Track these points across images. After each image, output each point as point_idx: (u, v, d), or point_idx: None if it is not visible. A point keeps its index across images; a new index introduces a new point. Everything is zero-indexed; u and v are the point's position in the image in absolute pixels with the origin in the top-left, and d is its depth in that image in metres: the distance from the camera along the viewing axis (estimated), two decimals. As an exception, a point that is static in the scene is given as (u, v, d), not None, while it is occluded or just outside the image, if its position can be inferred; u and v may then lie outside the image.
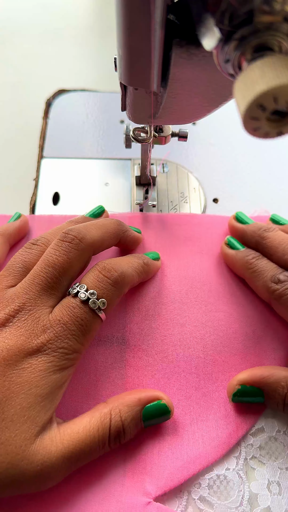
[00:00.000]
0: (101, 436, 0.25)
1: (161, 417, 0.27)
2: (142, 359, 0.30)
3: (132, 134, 0.31)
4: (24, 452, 0.23)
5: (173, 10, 0.20)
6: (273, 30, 0.17)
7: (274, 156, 0.42)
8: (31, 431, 0.23)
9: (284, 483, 0.27)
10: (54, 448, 0.23)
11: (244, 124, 0.16)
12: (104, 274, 0.27)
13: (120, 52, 0.22)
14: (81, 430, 0.25)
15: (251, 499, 0.27)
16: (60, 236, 0.28)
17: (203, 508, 0.26)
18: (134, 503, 0.25)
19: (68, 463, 0.24)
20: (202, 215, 0.38)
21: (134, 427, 0.26)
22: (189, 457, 0.27)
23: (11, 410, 0.23)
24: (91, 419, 0.25)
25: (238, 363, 0.30)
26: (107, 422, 0.25)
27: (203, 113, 0.27)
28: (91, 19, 0.55)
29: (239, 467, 0.27)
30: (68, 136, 0.43)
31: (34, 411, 0.23)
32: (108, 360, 0.30)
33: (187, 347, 0.30)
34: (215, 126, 0.44)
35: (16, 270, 0.28)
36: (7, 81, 0.48)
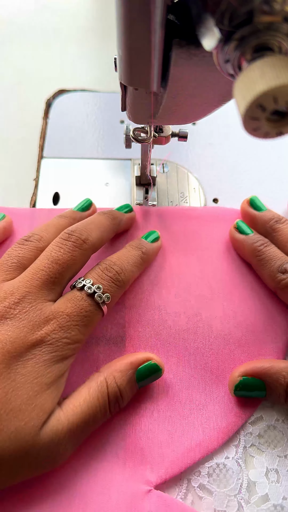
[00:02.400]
0: (102, 404, 0.26)
1: (153, 376, 0.28)
2: (141, 330, 0.31)
3: (132, 134, 0.31)
4: (34, 439, 0.23)
5: (173, 10, 0.20)
6: (273, 30, 0.17)
7: (274, 156, 0.42)
8: (40, 418, 0.24)
9: (282, 470, 0.28)
10: (61, 426, 0.24)
11: (244, 124, 0.16)
12: (107, 274, 0.29)
13: (120, 52, 0.22)
14: (82, 403, 0.25)
15: (250, 487, 0.27)
16: (63, 236, 0.29)
17: (202, 495, 0.27)
18: (134, 492, 0.26)
19: (76, 437, 0.25)
20: (202, 207, 0.38)
21: (130, 390, 0.27)
22: (189, 446, 0.27)
23: (18, 400, 0.24)
24: (89, 389, 0.26)
25: (239, 354, 0.30)
26: (105, 390, 0.26)
27: (203, 113, 0.27)
28: (91, 19, 0.55)
29: (238, 456, 0.28)
30: (68, 136, 0.43)
31: (41, 398, 0.24)
32: (108, 331, 0.31)
33: (187, 339, 0.31)
34: (215, 126, 0.44)
35: (10, 265, 0.28)
36: (7, 81, 0.48)
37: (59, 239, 0.29)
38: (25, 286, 0.26)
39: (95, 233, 0.30)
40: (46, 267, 0.27)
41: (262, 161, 0.42)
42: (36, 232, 0.30)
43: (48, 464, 0.24)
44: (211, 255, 0.35)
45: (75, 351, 0.26)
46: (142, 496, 0.26)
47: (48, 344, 0.25)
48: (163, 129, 0.32)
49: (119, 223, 0.33)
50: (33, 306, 0.26)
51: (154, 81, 0.23)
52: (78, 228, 0.29)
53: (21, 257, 0.29)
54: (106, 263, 0.29)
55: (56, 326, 0.25)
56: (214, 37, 0.17)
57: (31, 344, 0.25)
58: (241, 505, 0.27)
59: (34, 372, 0.24)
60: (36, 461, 0.23)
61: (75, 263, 0.28)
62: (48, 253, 0.28)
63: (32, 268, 0.27)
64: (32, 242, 0.30)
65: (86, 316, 0.26)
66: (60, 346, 0.25)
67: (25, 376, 0.24)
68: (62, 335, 0.25)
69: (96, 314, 0.27)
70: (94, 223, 0.31)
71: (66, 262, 0.27)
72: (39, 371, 0.24)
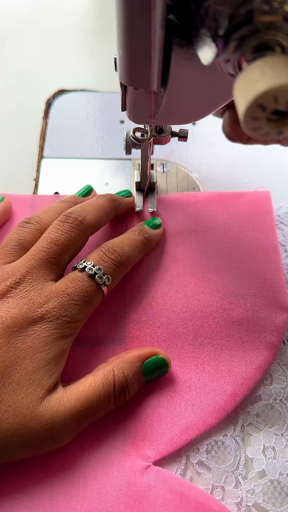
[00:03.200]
0: (107, 393, 0.26)
1: (160, 371, 0.28)
2: (142, 330, 0.31)
3: (132, 134, 0.31)
4: (32, 413, 0.24)
5: (173, 10, 0.20)
6: (273, 30, 0.17)
7: (274, 156, 0.42)
8: (38, 393, 0.24)
9: (279, 448, 0.28)
10: (62, 407, 0.24)
11: (244, 124, 0.16)
12: (109, 256, 0.29)
13: (120, 52, 0.22)
14: (86, 389, 0.26)
15: (247, 463, 0.28)
16: (61, 218, 0.29)
17: (201, 471, 0.28)
18: (134, 467, 0.26)
19: (77, 422, 0.25)
20: (200, 192, 0.39)
21: (137, 382, 0.28)
22: (188, 423, 0.28)
23: (17, 374, 0.24)
24: (95, 377, 0.26)
25: (239, 333, 0.31)
26: (111, 379, 0.26)
27: (203, 113, 0.27)
28: (91, 19, 0.55)
29: (236, 433, 0.29)
30: (68, 136, 0.43)
31: (39, 374, 0.25)
32: (109, 334, 0.31)
33: (187, 319, 0.31)
34: (215, 126, 0.44)
35: (11, 247, 0.29)
36: (7, 81, 0.48)
37: (57, 221, 0.29)
38: (25, 267, 0.27)
39: (92, 214, 0.30)
40: (45, 248, 0.28)
41: (262, 161, 0.42)
42: (36, 215, 0.31)
43: (46, 443, 0.24)
44: (210, 239, 0.35)
45: (75, 330, 0.27)
46: (142, 471, 0.26)
47: (48, 321, 0.26)
48: (163, 129, 0.32)
49: (117, 206, 0.34)
50: (33, 286, 0.26)
51: (154, 81, 0.23)
52: (75, 210, 0.30)
53: (22, 239, 0.29)
54: (108, 245, 0.30)
55: (57, 304, 0.26)
56: (211, 51, 0.17)
57: (31, 321, 0.25)
58: (239, 481, 0.27)
59: (33, 347, 0.25)
60: (34, 437, 0.24)
61: (74, 243, 0.29)
62: (47, 235, 0.29)
63: (32, 250, 0.28)
64: (32, 224, 0.30)
65: (86, 296, 0.27)
66: (60, 324, 0.26)
67: (24, 351, 0.25)
68: (62, 313, 0.26)
69: (97, 295, 0.28)
70: (91, 205, 0.31)
71: (64, 242, 0.28)
72: (38, 347, 0.25)
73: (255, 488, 0.27)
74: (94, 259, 0.29)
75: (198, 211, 0.37)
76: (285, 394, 0.30)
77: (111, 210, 0.33)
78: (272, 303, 0.32)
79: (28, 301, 0.26)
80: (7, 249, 0.29)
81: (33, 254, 0.28)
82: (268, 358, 0.30)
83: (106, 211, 0.32)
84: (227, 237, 0.35)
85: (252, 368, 0.30)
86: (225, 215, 0.37)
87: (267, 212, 0.37)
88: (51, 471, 0.26)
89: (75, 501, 0.25)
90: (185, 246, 0.35)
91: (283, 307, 0.32)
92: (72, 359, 0.30)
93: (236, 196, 0.38)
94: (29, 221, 0.31)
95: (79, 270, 0.28)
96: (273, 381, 0.30)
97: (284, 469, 0.28)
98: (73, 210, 0.30)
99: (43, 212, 0.32)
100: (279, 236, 0.36)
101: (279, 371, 0.31)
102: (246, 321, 0.31)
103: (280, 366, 0.31)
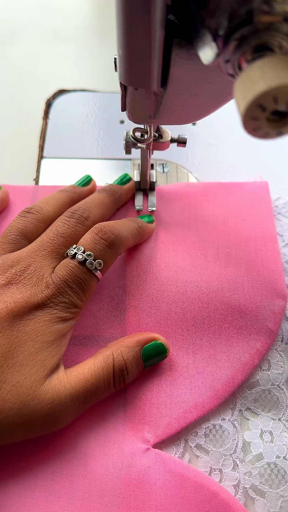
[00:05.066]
0: (106, 375, 0.27)
1: (159, 356, 0.29)
2: (142, 317, 0.31)
3: (132, 134, 0.31)
4: (35, 393, 0.24)
5: (173, 10, 0.20)
6: (273, 30, 0.17)
7: (274, 156, 0.42)
8: (40, 373, 0.25)
9: (276, 432, 0.29)
10: (63, 387, 0.25)
11: (244, 124, 0.16)
12: (100, 236, 0.29)
13: (120, 52, 0.22)
14: (86, 371, 0.27)
15: (245, 447, 0.28)
16: (67, 214, 0.31)
17: (199, 454, 0.28)
18: (133, 449, 0.27)
19: (77, 403, 0.26)
20: (199, 183, 0.39)
21: (136, 367, 0.28)
22: (186, 407, 0.29)
23: (20, 356, 0.25)
24: (95, 361, 0.27)
25: (237, 318, 0.31)
26: (110, 362, 0.27)
27: (203, 113, 0.27)
28: (91, 19, 0.55)
29: (234, 418, 0.29)
30: (68, 136, 0.43)
31: (42, 355, 0.25)
32: (109, 319, 0.32)
33: (185, 306, 0.32)
34: (215, 126, 0.44)
35: (13, 237, 0.30)
36: (7, 81, 0.48)
37: (64, 216, 0.31)
38: (31, 257, 0.28)
39: (95, 211, 0.32)
40: (52, 239, 0.29)
41: (262, 161, 0.42)
42: (37, 204, 0.32)
43: (47, 424, 0.25)
44: (207, 229, 0.35)
45: (75, 315, 0.28)
46: (141, 453, 0.27)
47: (48, 307, 0.27)
48: (162, 135, 0.32)
49: (118, 198, 0.35)
50: (36, 273, 0.27)
51: (154, 81, 0.23)
52: (80, 207, 0.31)
53: (23, 228, 0.30)
54: (101, 225, 0.30)
55: (55, 291, 0.27)
56: (212, 51, 0.17)
57: (33, 306, 0.26)
58: (236, 464, 0.28)
59: (35, 330, 0.26)
60: (36, 417, 0.24)
61: (78, 237, 0.30)
62: (53, 228, 0.30)
63: (38, 240, 0.29)
64: (33, 213, 0.31)
65: (80, 282, 0.28)
66: (59, 309, 0.27)
67: (27, 334, 0.26)
68: (60, 299, 0.27)
69: (91, 280, 0.28)
70: (94, 201, 0.33)
71: (70, 235, 0.29)
72: (40, 330, 0.26)
73: (252, 471, 0.27)
74: (85, 242, 0.29)
75: (197, 201, 0.37)
76: (283, 379, 0.30)
77: (112, 205, 0.34)
78: (270, 290, 0.32)
79: (31, 288, 0.27)
80: (9, 238, 0.30)
81: (40, 245, 0.29)
82: (265, 344, 0.31)
83: (108, 206, 0.34)
84: (225, 226, 0.36)
85: (249, 354, 0.30)
86: (223, 205, 0.37)
87: (265, 201, 0.37)
88: (53, 452, 0.27)
89: (76, 482, 0.26)
90: (184, 236, 0.35)
91: (280, 294, 0.32)
92: (72, 347, 0.30)
93: (234, 186, 0.38)
94: (30, 210, 0.31)
95: (70, 257, 0.28)
96: (271, 367, 0.31)
97: (281, 452, 0.28)
98: (78, 208, 0.31)
99: (43, 202, 0.33)
100: (276, 226, 0.37)
101: (277, 357, 0.31)
102: (244, 307, 0.32)
103: (278, 352, 0.31)
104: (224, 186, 0.38)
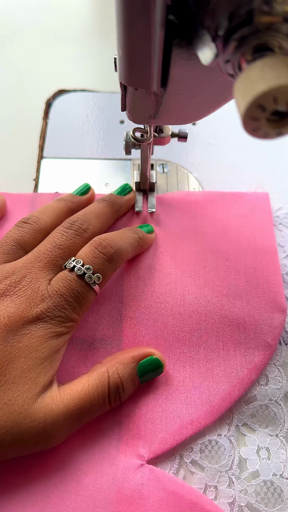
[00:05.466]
0: (101, 393, 0.26)
1: (155, 371, 0.29)
2: (138, 329, 0.31)
3: (132, 134, 0.31)
4: (27, 411, 0.24)
5: (173, 10, 0.20)
6: (273, 31, 0.16)
7: (274, 156, 0.42)
8: (33, 391, 0.24)
9: (273, 448, 0.28)
10: (55, 406, 0.25)
11: (244, 124, 0.16)
12: (100, 250, 0.29)
13: (120, 52, 0.22)
14: (80, 389, 0.26)
15: (241, 463, 0.28)
16: (65, 225, 0.30)
17: (194, 470, 0.28)
18: (127, 465, 0.27)
19: (70, 421, 0.25)
20: (199, 192, 0.39)
21: (132, 384, 0.28)
22: (182, 422, 0.28)
23: (13, 372, 0.24)
24: (89, 378, 0.27)
25: (233, 333, 0.31)
26: (105, 380, 0.26)
27: (203, 113, 0.27)
28: (91, 19, 0.55)
29: (231, 433, 0.29)
30: (68, 136, 0.43)
31: (35, 372, 0.25)
32: (104, 330, 0.31)
33: (183, 319, 0.31)
34: (215, 126, 0.44)
35: (9, 247, 0.29)
36: (7, 81, 0.48)
37: (62, 227, 0.30)
38: (27, 268, 0.27)
39: (94, 222, 0.31)
40: (49, 251, 0.28)
41: (262, 161, 0.42)
42: (34, 215, 0.32)
43: (40, 442, 0.24)
44: (206, 239, 0.35)
45: (70, 329, 0.27)
46: (135, 469, 0.26)
47: (43, 321, 0.26)
48: (163, 130, 0.32)
49: (118, 209, 0.34)
50: (31, 285, 0.27)
51: (154, 81, 0.23)
52: (78, 219, 0.31)
53: (20, 239, 0.30)
54: (101, 238, 0.29)
55: (51, 305, 0.26)
56: (211, 51, 0.17)
57: (27, 320, 0.26)
58: (232, 481, 0.27)
59: (29, 347, 0.25)
60: (28, 435, 0.24)
61: (76, 249, 0.29)
62: (51, 239, 0.29)
63: (35, 251, 0.29)
64: (30, 224, 0.31)
65: (78, 296, 0.27)
66: (54, 323, 0.26)
67: (20, 350, 0.25)
68: (56, 313, 0.26)
69: (89, 294, 0.28)
70: (94, 212, 0.32)
71: (68, 247, 0.29)
72: (33, 346, 0.25)
73: (248, 488, 0.27)
74: (84, 255, 0.28)
75: (197, 211, 0.37)
76: (281, 395, 0.30)
77: (112, 215, 0.34)
78: (269, 304, 0.32)
79: (25, 301, 0.26)
80: (5, 249, 0.29)
81: (36, 256, 0.28)
82: (263, 358, 0.30)
83: (108, 217, 0.33)
84: (225, 237, 0.35)
85: (247, 369, 0.30)
86: (223, 215, 0.37)
87: (265, 213, 0.37)
88: (46, 468, 0.26)
89: (68, 498, 0.26)
90: (183, 246, 0.35)
91: (279, 308, 0.32)
92: (68, 360, 0.30)
93: (234, 197, 0.38)
94: (27, 221, 0.31)
95: (68, 270, 0.28)
96: (269, 382, 0.30)
97: (278, 469, 0.28)
98: (76, 219, 0.31)
99: (41, 211, 0.32)
100: (278, 237, 0.36)
101: (275, 372, 0.31)
102: (243, 321, 0.31)
103: (276, 366, 0.31)
104: (224, 196, 0.38)
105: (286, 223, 0.37)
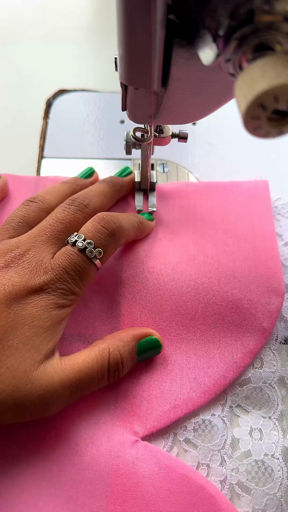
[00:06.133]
0: (100, 368, 0.27)
1: (153, 351, 0.30)
2: (137, 311, 0.32)
3: (132, 134, 0.32)
4: (29, 377, 0.24)
5: (173, 10, 0.20)
6: (274, 30, 0.17)
7: (274, 156, 0.42)
8: (35, 358, 0.25)
9: (265, 430, 0.29)
10: (56, 375, 0.25)
11: (245, 123, 0.16)
12: (102, 225, 0.29)
13: (121, 52, 0.22)
14: (80, 361, 0.27)
15: (233, 443, 0.28)
16: (67, 202, 0.31)
17: (187, 449, 0.28)
18: (123, 441, 0.27)
19: (69, 391, 0.26)
20: (198, 182, 0.39)
21: (131, 361, 0.29)
22: (176, 401, 0.29)
23: (16, 339, 0.25)
24: (90, 353, 0.27)
25: (230, 316, 0.31)
26: (106, 355, 0.27)
27: (203, 113, 0.27)
28: (91, 19, 0.55)
29: (224, 414, 0.29)
30: (68, 136, 0.43)
31: (37, 340, 0.25)
32: (104, 314, 0.32)
33: (181, 302, 0.32)
34: (215, 126, 0.44)
35: (15, 224, 0.30)
36: (7, 81, 0.48)
37: (63, 204, 0.31)
38: (31, 241, 0.28)
39: (95, 200, 0.32)
40: (51, 225, 0.29)
41: (262, 161, 0.42)
42: (39, 194, 0.33)
43: (38, 409, 0.25)
44: (206, 228, 0.35)
45: (72, 302, 0.28)
46: (130, 445, 0.27)
47: (46, 292, 0.27)
48: (163, 130, 0.32)
49: (119, 188, 0.36)
50: (35, 257, 0.28)
51: (155, 80, 0.23)
52: (80, 195, 0.32)
53: (26, 216, 0.31)
54: (103, 214, 0.30)
55: (53, 277, 0.27)
56: (212, 51, 0.17)
57: (31, 290, 0.26)
58: (224, 459, 0.28)
59: (32, 315, 0.26)
60: (28, 401, 0.24)
61: (78, 224, 0.30)
62: (54, 214, 0.30)
63: (39, 226, 0.30)
64: (36, 203, 0.32)
65: (79, 270, 0.28)
66: (56, 295, 0.27)
67: (23, 318, 0.25)
68: (58, 285, 0.27)
69: (90, 268, 0.28)
70: (94, 190, 0.33)
71: (70, 222, 0.30)
72: (36, 315, 0.26)
73: (239, 467, 0.28)
74: (86, 230, 0.29)
75: (196, 200, 0.37)
76: (275, 378, 0.30)
77: (113, 195, 0.35)
78: (267, 287, 0.32)
79: (29, 272, 0.27)
80: (11, 225, 0.30)
81: (40, 230, 0.29)
82: (259, 342, 0.31)
83: (108, 196, 0.34)
84: (223, 224, 0.36)
85: (242, 353, 0.30)
86: (222, 202, 0.37)
87: (264, 200, 0.37)
88: (42, 440, 0.27)
89: (65, 470, 0.26)
90: (182, 232, 0.35)
91: (277, 292, 0.32)
92: (67, 335, 0.31)
93: (234, 186, 0.38)
94: (33, 200, 0.32)
95: (71, 245, 0.28)
96: (263, 365, 0.31)
97: (270, 450, 0.28)
98: (77, 196, 0.32)
99: (46, 192, 0.33)
100: (276, 226, 0.37)
101: (270, 355, 0.31)
102: (240, 304, 0.32)
103: (272, 350, 0.31)
104: (223, 185, 0.38)
105: (284, 213, 0.38)
